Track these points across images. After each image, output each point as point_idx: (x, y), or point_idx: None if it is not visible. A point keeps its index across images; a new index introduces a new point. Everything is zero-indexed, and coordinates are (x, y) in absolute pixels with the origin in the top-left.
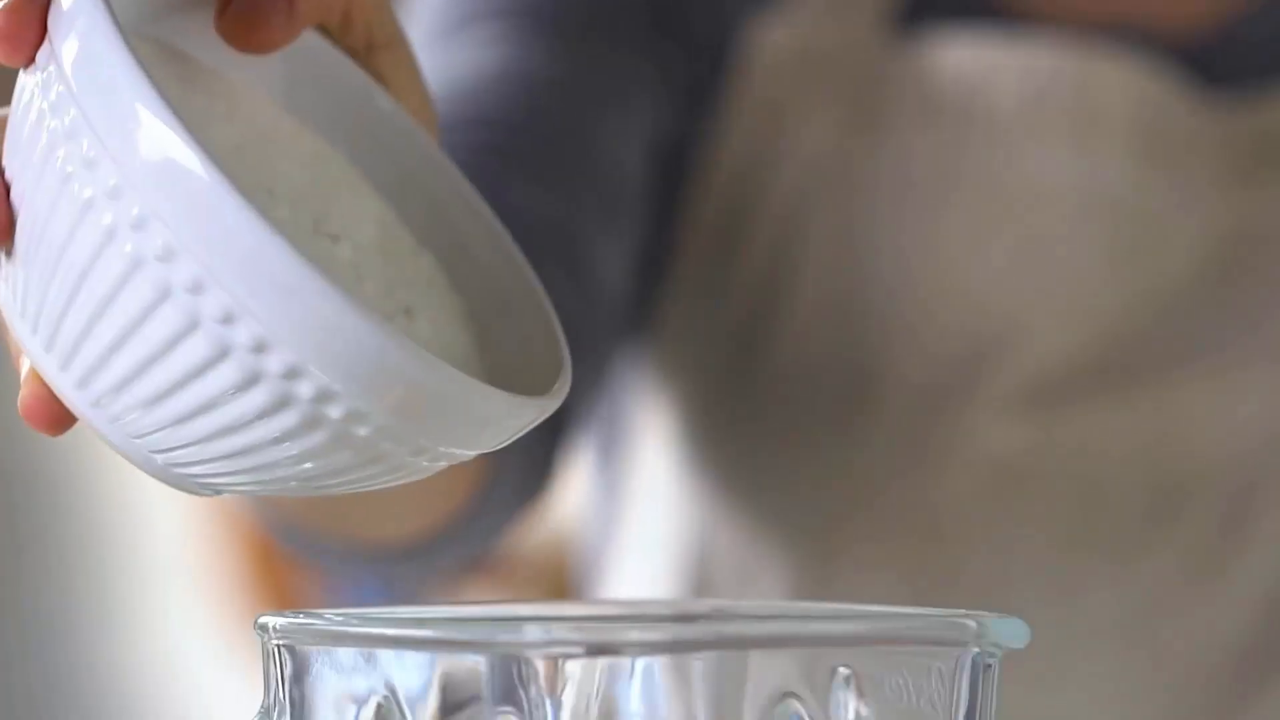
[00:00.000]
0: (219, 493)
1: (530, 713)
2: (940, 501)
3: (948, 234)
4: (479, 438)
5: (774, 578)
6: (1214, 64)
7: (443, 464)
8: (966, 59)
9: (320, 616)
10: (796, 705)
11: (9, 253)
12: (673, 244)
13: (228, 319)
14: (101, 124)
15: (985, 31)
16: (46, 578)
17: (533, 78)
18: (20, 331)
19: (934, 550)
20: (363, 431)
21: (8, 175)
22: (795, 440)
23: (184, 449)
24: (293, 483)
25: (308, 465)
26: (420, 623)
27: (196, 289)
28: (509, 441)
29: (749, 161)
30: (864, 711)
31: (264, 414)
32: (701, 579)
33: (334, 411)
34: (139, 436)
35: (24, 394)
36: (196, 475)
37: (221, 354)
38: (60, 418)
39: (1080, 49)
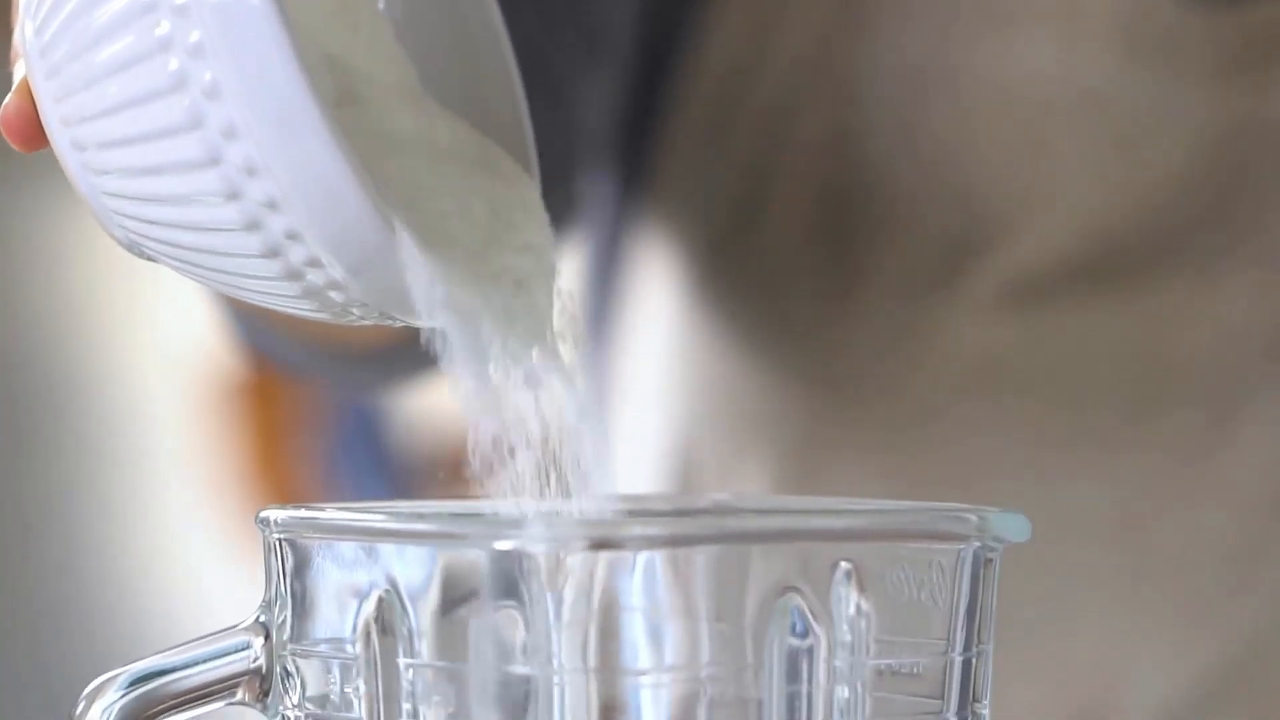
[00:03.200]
0: (155, 260)
1: (531, 607)
2: (922, 395)
3: (934, 128)
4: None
5: (757, 470)
6: None
7: (385, 323)
8: None
9: (322, 510)
10: (797, 599)
11: None
12: (656, 136)
13: (229, 133)
14: None
15: None
16: (47, 472)
17: None
18: (30, 48)
19: (915, 444)
20: (316, 278)
21: None
22: (778, 332)
23: (139, 223)
24: (234, 289)
25: (254, 282)
26: (422, 517)
27: (212, 94)
28: None
29: (737, 53)
30: (865, 606)
31: (230, 228)
32: (686, 471)
33: (296, 254)
34: (105, 194)
35: (9, 103)
36: (140, 242)
37: (211, 161)
38: (33, 139)
39: None
